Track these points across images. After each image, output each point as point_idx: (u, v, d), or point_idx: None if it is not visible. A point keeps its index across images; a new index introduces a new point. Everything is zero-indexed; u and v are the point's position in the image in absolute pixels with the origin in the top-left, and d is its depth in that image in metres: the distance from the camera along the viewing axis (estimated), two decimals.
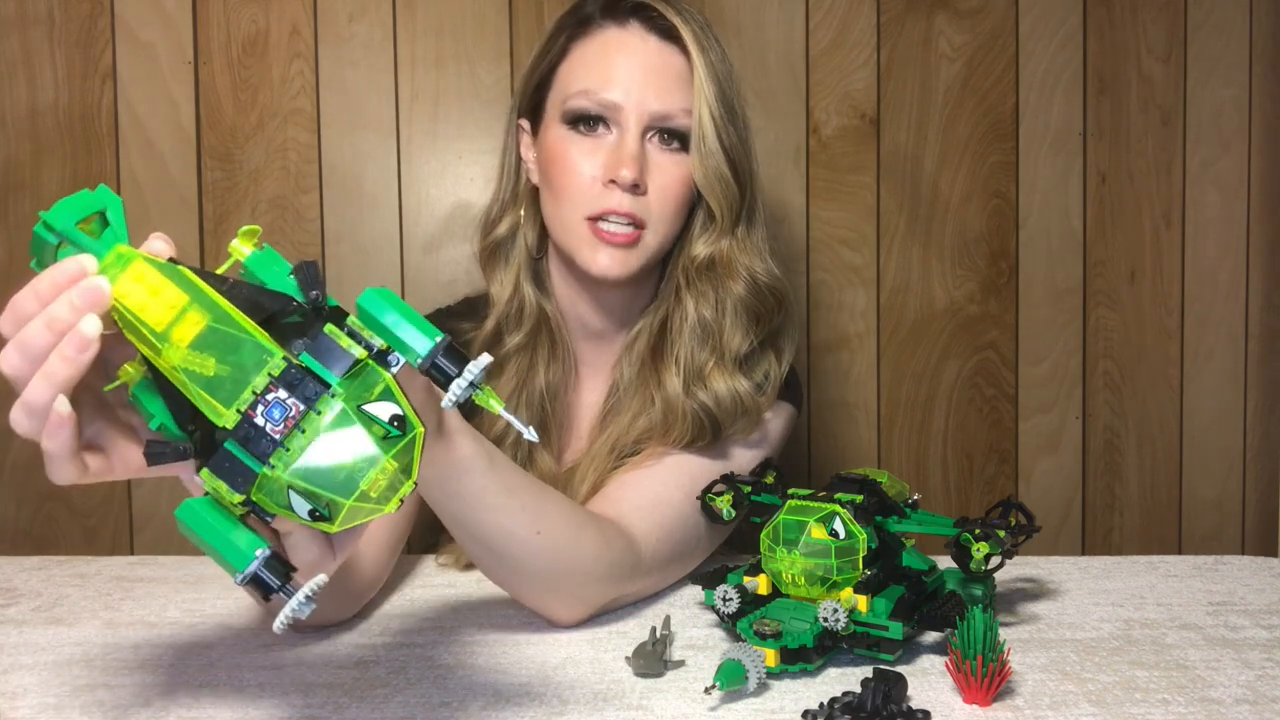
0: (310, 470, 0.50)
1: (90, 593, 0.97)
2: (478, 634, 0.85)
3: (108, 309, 0.54)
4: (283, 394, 0.51)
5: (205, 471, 0.51)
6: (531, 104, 1.04)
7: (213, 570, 1.04)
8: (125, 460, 0.59)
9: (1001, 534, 0.79)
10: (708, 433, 0.97)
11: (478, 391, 0.54)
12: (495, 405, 0.55)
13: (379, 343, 0.54)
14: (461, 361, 0.54)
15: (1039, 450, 1.54)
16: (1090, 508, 1.55)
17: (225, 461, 0.50)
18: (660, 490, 0.94)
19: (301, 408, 0.50)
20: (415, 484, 0.52)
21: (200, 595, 0.96)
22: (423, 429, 0.52)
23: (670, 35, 0.98)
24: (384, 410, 0.51)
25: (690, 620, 0.88)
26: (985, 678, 0.68)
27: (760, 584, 0.81)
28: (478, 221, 1.09)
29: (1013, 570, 1.00)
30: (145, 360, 0.54)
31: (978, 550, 0.79)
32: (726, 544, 1.05)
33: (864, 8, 1.49)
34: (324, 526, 0.51)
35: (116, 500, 1.49)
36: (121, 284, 0.54)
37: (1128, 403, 1.54)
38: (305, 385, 0.51)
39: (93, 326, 0.53)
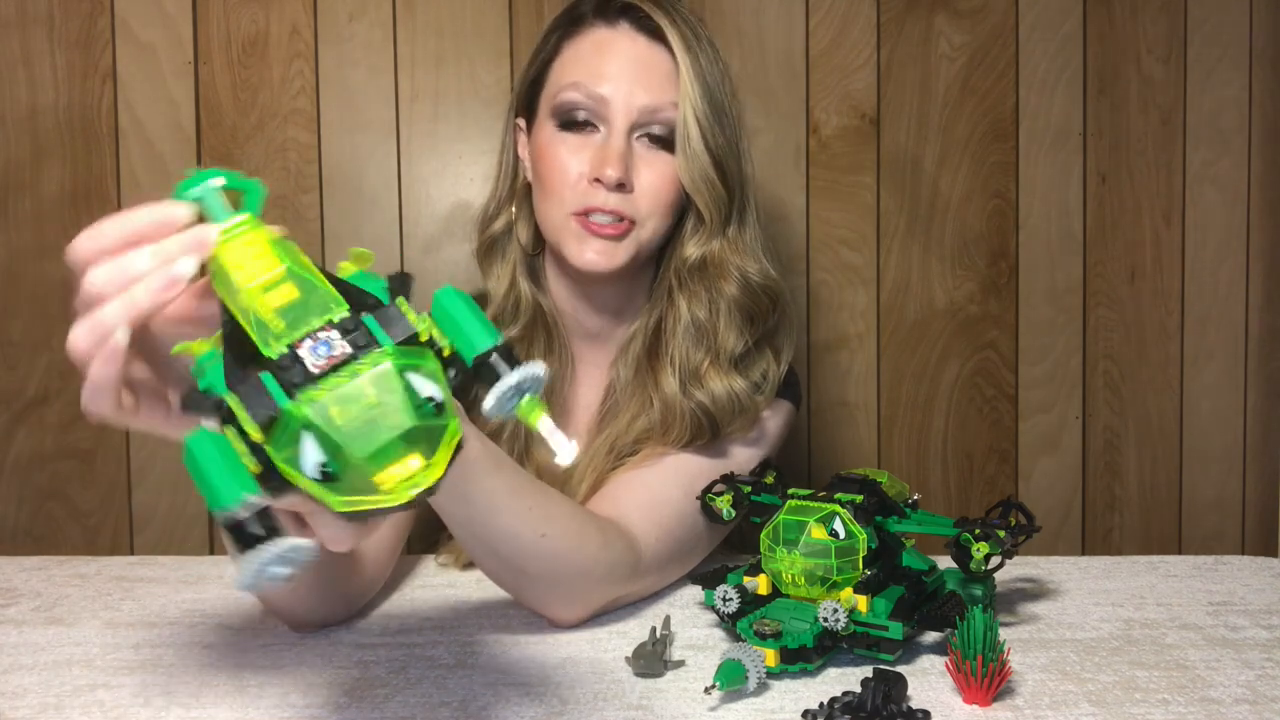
0: (332, 412, 0.47)
1: (90, 593, 0.97)
2: (478, 634, 0.85)
3: (206, 259, 0.53)
4: (334, 335, 0.50)
5: (229, 394, 0.48)
6: (526, 102, 1.05)
7: (213, 570, 1.04)
8: (150, 409, 0.57)
9: (1001, 534, 0.79)
10: (706, 432, 0.97)
11: (526, 397, 0.51)
12: (536, 416, 0.52)
13: (444, 345, 0.52)
14: (515, 364, 0.51)
15: (1039, 450, 1.54)
16: (1090, 508, 1.55)
17: (254, 389, 0.48)
18: (660, 490, 0.95)
19: (347, 351, 0.49)
20: (438, 483, 0.48)
21: (200, 595, 0.96)
22: (460, 431, 0.49)
23: (659, 35, 0.98)
24: (426, 387, 0.49)
25: (690, 620, 0.88)
26: (985, 678, 0.69)
27: (760, 584, 0.81)
28: (475, 219, 1.09)
29: (1013, 570, 1.00)
30: (223, 328, 0.53)
31: (978, 550, 0.79)
32: (726, 544, 1.05)
33: (864, 8, 1.49)
34: (326, 495, 0.47)
35: (116, 500, 1.49)
36: (233, 245, 0.54)
37: (1128, 403, 1.54)
38: (358, 335, 0.50)
39: (188, 267, 0.52)
